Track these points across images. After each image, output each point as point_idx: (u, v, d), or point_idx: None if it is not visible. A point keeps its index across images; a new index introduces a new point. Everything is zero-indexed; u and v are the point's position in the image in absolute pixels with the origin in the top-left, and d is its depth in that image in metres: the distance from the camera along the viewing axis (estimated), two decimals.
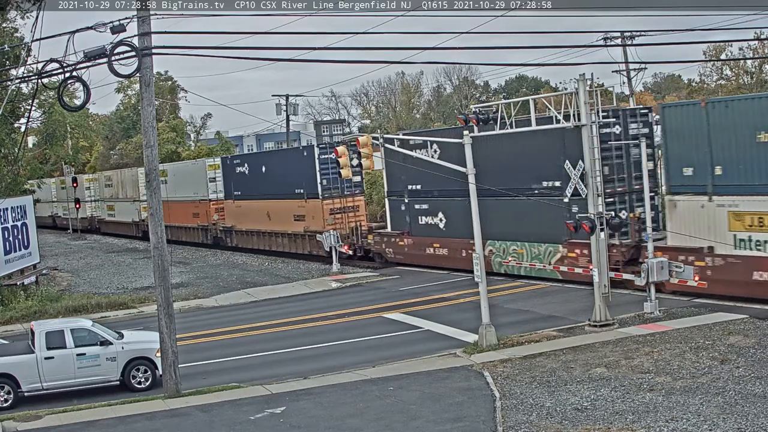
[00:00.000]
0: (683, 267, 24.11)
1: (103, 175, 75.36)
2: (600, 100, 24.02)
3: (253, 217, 48.40)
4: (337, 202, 41.95)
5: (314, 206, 42.42)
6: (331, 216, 41.50)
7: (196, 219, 55.65)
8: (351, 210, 42.13)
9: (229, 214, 51.90)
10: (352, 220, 41.67)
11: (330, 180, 41.81)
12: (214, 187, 53.10)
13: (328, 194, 42.14)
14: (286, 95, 64.46)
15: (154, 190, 20.18)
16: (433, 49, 22.39)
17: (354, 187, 42.57)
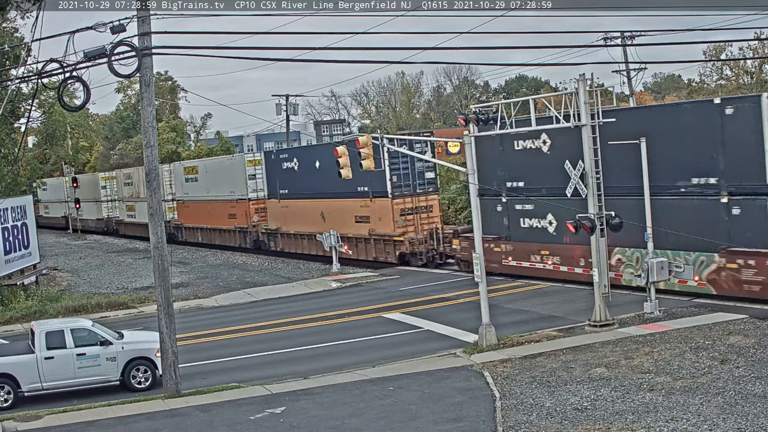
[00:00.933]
0: (683, 267, 24.11)
1: (122, 173, 71.08)
2: (600, 100, 23.96)
3: (303, 218, 43.87)
4: (408, 201, 37.52)
5: (382, 206, 37.72)
6: (401, 217, 37.37)
7: (232, 221, 51.35)
8: (424, 210, 37.85)
9: (273, 215, 47.28)
10: (425, 221, 37.67)
11: (401, 176, 37.61)
12: (254, 185, 48.73)
13: (399, 192, 37.58)
14: (286, 95, 64.50)
15: (154, 190, 20.13)
16: (433, 49, 22.42)
17: (427, 185, 38.33)
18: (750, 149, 23.47)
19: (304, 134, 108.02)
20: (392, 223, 37.26)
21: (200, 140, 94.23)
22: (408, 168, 37.80)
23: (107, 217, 72.96)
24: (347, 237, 40.03)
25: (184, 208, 58.68)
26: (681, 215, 25.04)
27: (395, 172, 37.44)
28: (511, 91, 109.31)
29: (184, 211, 58.80)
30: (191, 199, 57.00)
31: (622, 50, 51.23)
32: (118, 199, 71.05)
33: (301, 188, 44.11)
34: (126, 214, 68.97)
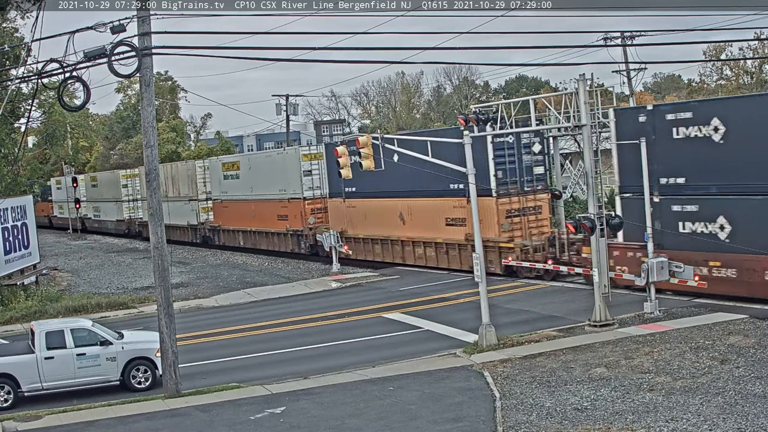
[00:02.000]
0: (683, 267, 24.09)
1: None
2: (600, 100, 23.96)
3: (375, 220, 38.79)
4: (515, 201, 31.95)
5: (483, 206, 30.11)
6: (507, 220, 31.62)
7: (283, 223, 45.58)
8: (532, 212, 32.27)
9: (336, 217, 41.74)
10: (533, 225, 32.19)
11: (506, 172, 32.02)
12: (310, 181, 43.44)
13: (504, 190, 31.91)
14: (286, 95, 64.51)
15: (153, 190, 20.16)
16: (433, 49, 22.43)
17: (536, 181, 32.76)
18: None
19: (304, 134, 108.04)
20: (496, 227, 31.35)
21: (200, 140, 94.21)
22: (515, 161, 32.36)
23: (129, 218, 67.78)
24: (435, 243, 35.24)
25: (222, 208, 52.73)
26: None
27: (500, 167, 31.83)
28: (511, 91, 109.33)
29: (222, 211, 52.91)
30: (231, 198, 51.31)
31: (622, 50, 51.23)
32: (142, 199, 64.14)
33: (372, 186, 37.06)
34: None
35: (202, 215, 55.26)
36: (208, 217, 54.99)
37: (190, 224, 57.05)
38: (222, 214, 53.22)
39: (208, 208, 55.02)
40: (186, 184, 56.93)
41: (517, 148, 32.14)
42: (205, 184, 54.86)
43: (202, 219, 55.19)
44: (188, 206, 56.76)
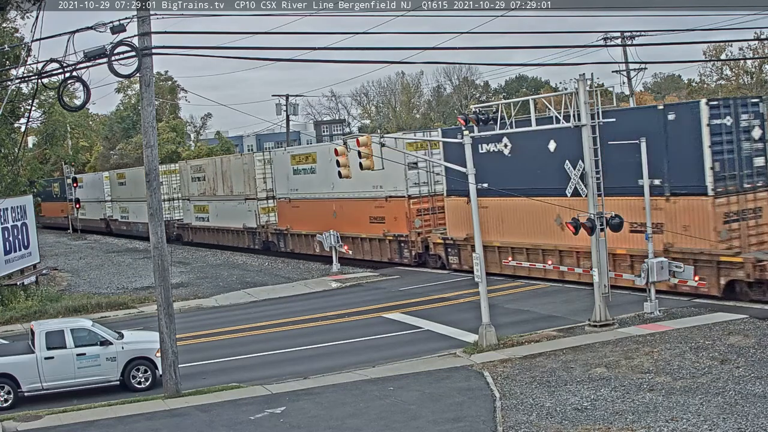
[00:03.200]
0: (683, 267, 24.10)
1: (188, 166, 58.29)
2: (600, 100, 23.94)
3: (518, 224, 31.24)
4: (734, 201, 25.17)
5: (692, 208, 25.22)
6: (725, 226, 24.79)
7: (378, 226, 38.63)
8: (752, 215, 25.48)
9: (456, 219, 34.09)
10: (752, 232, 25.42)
11: (725, 163, 24.95)
12: (416, 176, 36.55)
13: (722, 188, 24.90)
14: (286, 95, 64.58)
15: (153, 190, 20.16)
16: (433, 49, 22.42)
17: (756, 176, 25.83)
18: None
19: (304, 134, 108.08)
20: (713, 234, 24.71)
21: (200, 140, 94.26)
22: (734, 150, 25.43)
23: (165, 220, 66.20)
24: (614, 253, 26.41)
25: (292, 208, 45.67)
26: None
27: (718, 157, 24.88)
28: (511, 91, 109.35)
29: (291, 212, 45.73)
30: (303, 197, 44.23)
31: (622, 50, 51.27)
32: (183, 198, 58.72)
33: (516, 180, 29.86)
34: (195, 216, 57.02)
35: (262, 217, 48.32)
36: (269, 218, 48.30)
37: (246, 227, 49.76)
38: (290, 216, 45.95)
39: (270, 208, 48.33)
40: (241, 180, 49.66)
41: (736, 132, 25.52)
42: (266, 180, 48.08)
43: (262, 221, 48.31)
44: (243, 206, 49.67)
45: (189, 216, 58.14)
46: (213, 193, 53.35)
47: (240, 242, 51.24)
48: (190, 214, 57.89)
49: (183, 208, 59.26)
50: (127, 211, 66.86)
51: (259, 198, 48.24)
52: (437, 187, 36.44)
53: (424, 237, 36.49)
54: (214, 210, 53.52)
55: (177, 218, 59.92)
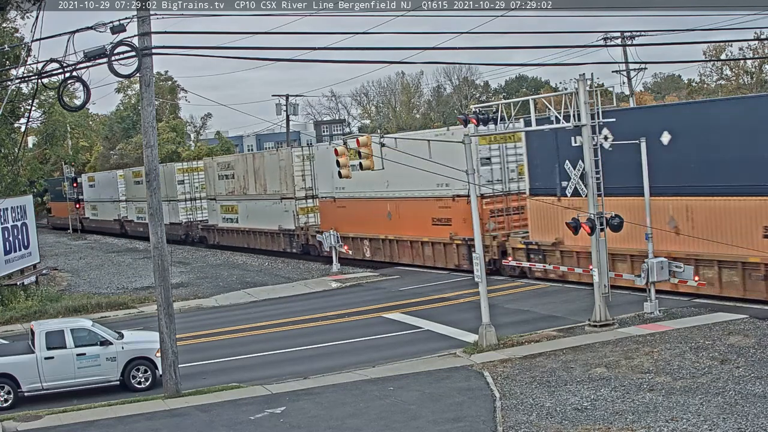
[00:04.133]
0: (683, 267, 24.09)
1: (215, 163, 53.92)
2: (600, 100, 23.93)
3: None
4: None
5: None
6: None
7: (441, 229, 34.54)
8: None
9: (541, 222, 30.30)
10: None
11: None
12: (489, 172, 32.90)
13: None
14: (286, 95, 64.52)
15: (153, 190, 20.15)
16: (433, 49, 22.41)
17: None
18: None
19: (304, 134, 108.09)
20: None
21: (200, 140, 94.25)
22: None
23: (187, 221, 57.23)
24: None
25: (337, 209, 41.32)
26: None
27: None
28: (511, 91, 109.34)
29: (336, 213, 41.44)
30: (352, 196, 39.89)
31: (622, 50, 51.28)
32: (209, 198, 54.85)
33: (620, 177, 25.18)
34: (222, 217, 52.85)
35: (301, 218, 44.46)
36: (308, 219, 44.59)
37: (282, 229, 45.74)
38: (334, 217, 41.54)
39: (310, 208, 44.56)
40: (276, 178, 45.83)
41: None
42: (305, 177, 44.41)
43: (300, 222, 44.43)
44: (279, 206, 45.77)
45: (215, 217, 53.98)
46: (243, 192, 49.40)
47: (274, 245, 46.85)
48: (216, 215, 53.74)
49: (208, 209, 55.11)
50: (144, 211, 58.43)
51: (298, 197, 44.32)
52: (511, 186, 33.42)
53: (500, 241, 32.31)
54: (245, 210, 49.64)
55: (200, 219, 56.14)
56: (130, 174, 65.45)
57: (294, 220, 44.71)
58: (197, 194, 56.40)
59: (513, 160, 33.54)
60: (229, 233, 51.98)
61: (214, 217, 54.20)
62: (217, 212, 53.51)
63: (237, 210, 50.77)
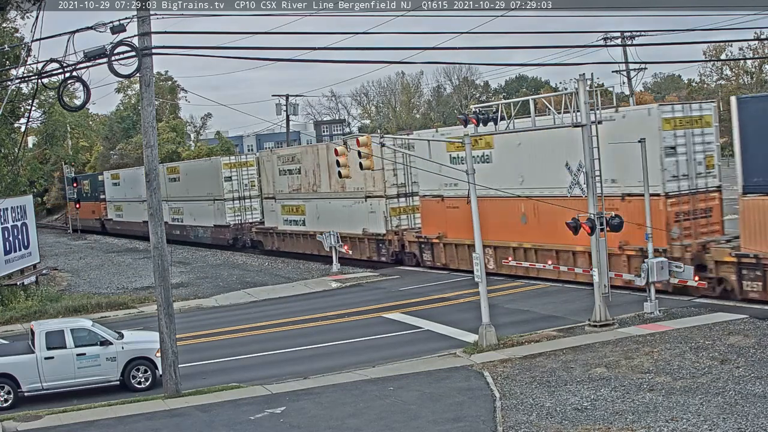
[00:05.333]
0: (683, 267, 24.09)
1: (275, 156, 47.30)
2: (600, 100, 23.92)
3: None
4: None
5: None
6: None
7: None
8: None
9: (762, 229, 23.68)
10: None
11: None
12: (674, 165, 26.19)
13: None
14: (286, 95, 64.53)
15: (153, 190, 20.12)
16: (433, 49, 22.43)
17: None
18: None
19: (304, 134, 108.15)
20: None
21: (200, 140, 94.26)
22: None
23: (236, 223, 50.54)
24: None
25: (446, 209, 34.27)
26: None
27: None
28: (511, 91, 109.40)
29: (444, 215, 34.57)
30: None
31: (622, 50, 51.27)
32: (267, 197, 48.10)
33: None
34: (283, 219, 46.23)
35: (392, 220, 38.18)
36: (400, 222, 38.40)
37: (368, 233, 39.37)
38: (442, 220, 34.91)
39: (404, 209, 38.35)
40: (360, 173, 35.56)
41: None
42: (396, 172, 38.12)
43: (392, 224, 38.12)
44: (363, 206, 39.28)
45: (273, 218, 47.32)
46: (313, 190, 42.83)
47: (356, 252, 40.20)
48: (274, 216, 47.08)
49: (265, 209, 48.73)
50: (180, 212, 56.77)
51: (389, 196, 37.77)
52: (698, 181, 26.76)
53: (694, 253, 25.69)
54: (314, 211, 43.15)
55: (252, 221, 50.12)
56: (163, 170, 56.99)
57: (384, 222, 38.08)
58: (247, 192, 50.38)
59: (700, 149, 26.88)
60: (294, 238, 45.11)
61: (273, 219, 47.71)
62: (276, 213, 46.87)
63: (304, 211, 44.18)
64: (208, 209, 52.37)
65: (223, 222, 50.87)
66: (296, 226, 45.16)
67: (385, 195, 38.20)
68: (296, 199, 45.03)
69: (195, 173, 54.59)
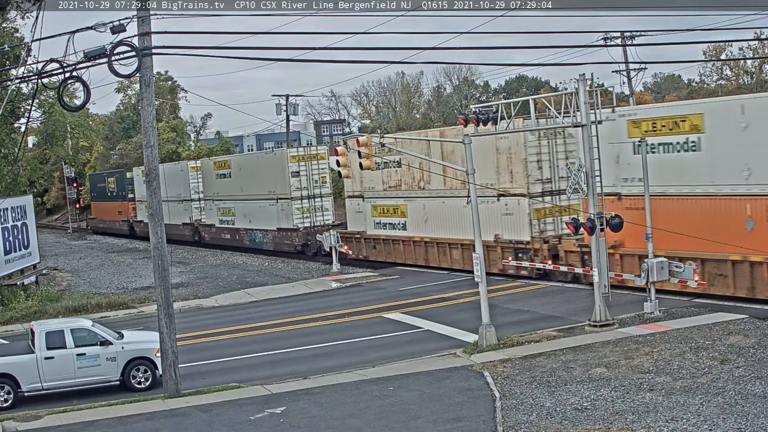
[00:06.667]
0: (683, 267, 24.08)
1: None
2: (600, 100, 23.92)
3: None
4: None
5: None
6: None
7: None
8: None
9: None
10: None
11: None
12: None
13: None
14: (286, 95, 64.49)
15: (153, 190, 20.13)
16: (433, 49, 22.43)
17: None
18: None
19: (304, 134, 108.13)
20: None
21: (200, 140, 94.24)
22: None
23: (306, 227, 43.26)
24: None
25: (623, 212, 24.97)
26: None
27: None
28: (511, 91, 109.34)
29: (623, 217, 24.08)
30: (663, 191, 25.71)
31: (622, 50, 51.27)
32: (352, 195, 41.33)
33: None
34: (374, 222, 39.46)
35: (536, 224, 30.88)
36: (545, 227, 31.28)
37: (501, 241, 31.84)
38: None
39: (549, 210, 31.21)
40: (492, 166, 31.78)
41: None
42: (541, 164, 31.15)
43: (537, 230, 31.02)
44: (492, 207, 31.72)
45: (360, 221, 40.70)
46: (418, 187, 36.13)
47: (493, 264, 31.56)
48: (361, 219, 40.43)
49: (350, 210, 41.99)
50: (231, 213, 49.77)
51: (532, 194, 30.75)
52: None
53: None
54: (419, 213, 36.39)
55: (323, 224, 43.17)
56: (210, 165, 52.18)
57: (529, 227, 30.89)
58: (317, 190, 43.45)
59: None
60: (392, 245, 38.20)
61: (359, 222, 40.72)
62: (364, 215, 39.98)
63: (404, 212, 37.14)
64: (270, 210, 44.99)
65: (289, 225, 43.38)
66: (393, 231, 38.02)
67: (528, 193, 30.76)
68: (394, 198, 37.35)
69: (251, 168, 47.14)
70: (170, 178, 56.10)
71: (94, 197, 75.83)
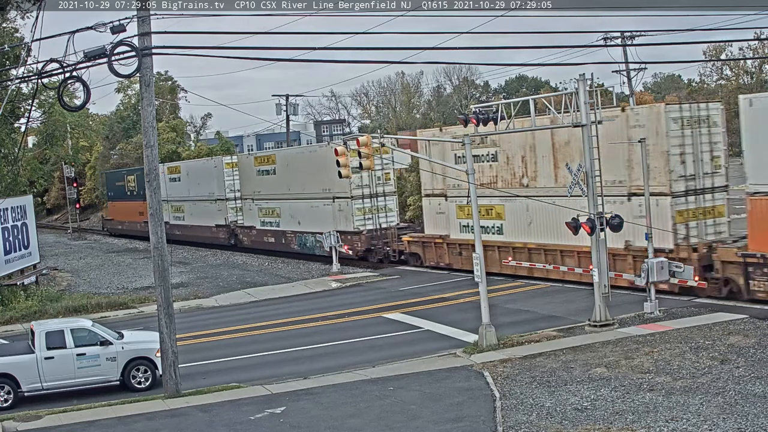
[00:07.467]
0: (683, 267, 24.08)
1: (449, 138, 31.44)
2: (600, 100, 23.92)
3: None
4: None
5: None
6: None
7: None
8: None
9: None
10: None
11: None
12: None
13: None
14: (286, 95, 64.48)
15: (154, 190, 20.12)
16: (433, 49, 22.43)
17: None
18: None
19: (304, 134, 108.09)
20: None
21: (200, 140, 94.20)
22: None
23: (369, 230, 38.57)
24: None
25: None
26: None
27: None
28: (511, 91, 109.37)
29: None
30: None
31: (622, 50, 51.28)
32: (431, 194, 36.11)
33: None
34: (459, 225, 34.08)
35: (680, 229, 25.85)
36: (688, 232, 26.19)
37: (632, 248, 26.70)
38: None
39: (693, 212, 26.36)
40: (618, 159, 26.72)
41: None
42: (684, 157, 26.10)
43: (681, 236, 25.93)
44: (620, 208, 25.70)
45: (441, 223, 35.44)
46: (520, 184, 30.92)
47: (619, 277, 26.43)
48: (443, 220, 35.20)
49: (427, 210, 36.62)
50: (275, 214, 44.89)
51: (675, 193, 25.85)
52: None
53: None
54: (521, 215, 31.34)
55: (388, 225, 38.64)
56: (249, 161, 47.43)
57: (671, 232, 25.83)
58: (380, 188, 38.41)
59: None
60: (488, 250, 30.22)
61: (440, 224, 35.50)
62: (447, 216, 34.89)
63: (501, 214, 32.05)
64: (324, 210, 40.18)
65: (349, 227, 38.31)
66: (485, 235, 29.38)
67: (671, 192, 25.93)
68: (488, 197, 31.38)
69: (301, 163, 42.16)
70: (199, 175, 52.55)
71: (111, 197, 71.08)
